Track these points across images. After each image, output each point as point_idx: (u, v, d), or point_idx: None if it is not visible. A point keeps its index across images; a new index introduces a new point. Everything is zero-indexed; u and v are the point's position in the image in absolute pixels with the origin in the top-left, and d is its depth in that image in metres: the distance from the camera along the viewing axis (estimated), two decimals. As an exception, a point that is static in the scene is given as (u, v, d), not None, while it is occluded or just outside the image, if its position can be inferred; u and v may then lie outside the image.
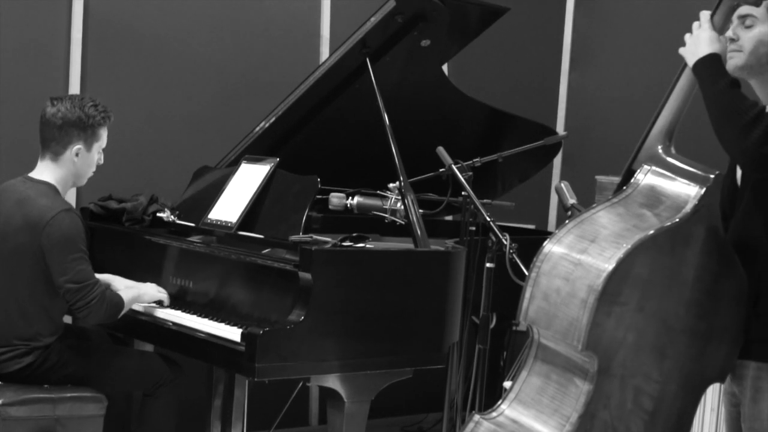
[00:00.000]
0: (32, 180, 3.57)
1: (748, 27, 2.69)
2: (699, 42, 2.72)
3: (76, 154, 3.54)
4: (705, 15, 2.76)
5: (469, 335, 3.63)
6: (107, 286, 3.61)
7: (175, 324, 3.61)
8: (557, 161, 5.50)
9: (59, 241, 3.42)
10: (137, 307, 3.72)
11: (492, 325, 3.36)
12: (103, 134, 3.60)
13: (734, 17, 2.73)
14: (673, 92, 2.81)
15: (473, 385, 3.49)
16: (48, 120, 3.52)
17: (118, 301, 3.54)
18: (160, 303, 3.72)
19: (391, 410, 4.99)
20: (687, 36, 2.76)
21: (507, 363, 4.45)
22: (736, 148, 2.59)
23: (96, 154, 3.60)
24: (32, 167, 3.63)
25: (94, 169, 3.65)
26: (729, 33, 2.73)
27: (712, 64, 2.68)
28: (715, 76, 2.65)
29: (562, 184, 3.38)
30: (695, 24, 2.77)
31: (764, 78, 2.72)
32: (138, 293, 3.66)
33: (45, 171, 3.57)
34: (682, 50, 2.77)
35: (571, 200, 3.33)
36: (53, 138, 3.52)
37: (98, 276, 3.57)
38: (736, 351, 2.75)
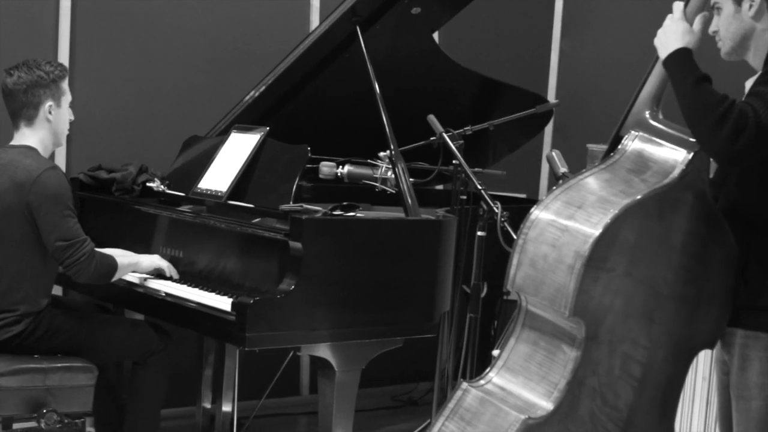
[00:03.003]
0: (12, 147, 3.59)
1: (718, 11, 2.71)
2: (669, 35, 2.70)
3: (50, 112, 3.56)
4: (678, 6, 2.74)
5: (460, 304, 3.64)
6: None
7: (165, 294, 3.60)
8: (548, 130, 5.49)
9: (47, 198, 3.44)
10: (131, 277, 3.72)
11: (483, 294, 3.36)
12: (67, 88, 3.62)
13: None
14: (659, 58, 2.79)
15: (464, 355, 3.49)
16: (11, 90, 3.54)
17: (109, 261, 3.54)
18: (161, 273, 3.71)
19: (382, 379, 5.01)
20: (660, 29, 2.75)
21: (498, 332, 4.45)
22: (708, 145, 2.58)
23: (66, 110, 3.62)
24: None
25: (68, 126, 3.66)
26: (712, 27, 2.73)
27: (681, 58, 2.65)
28: (684, 71, 2.63)
29: (554, 153, 3.37)
30: (668, 17, 2.74)
31: (752, 51, 2.71)
32: (136, 260, 3.67)
33: (22, 138, 3.58)
34: (655, 41, 2.75)
35: (563, 169, 3.32)
36: (23, 104, 3.54)
37: (104, 251, 3.60)
38: (725, 317, 2.75)
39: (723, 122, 2.50)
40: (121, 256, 3.63)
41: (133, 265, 3.65)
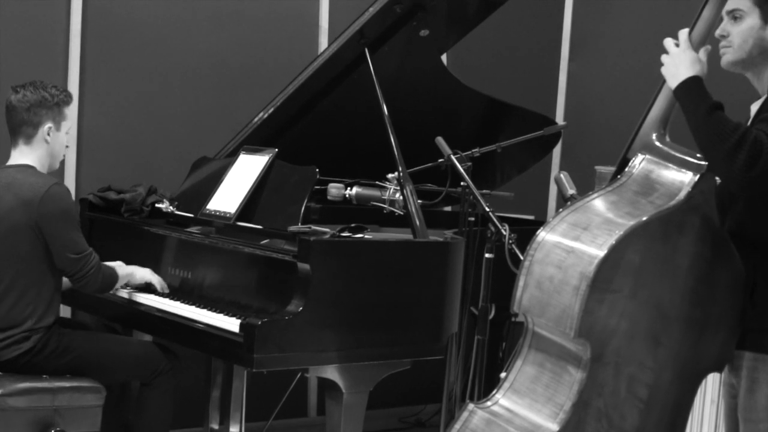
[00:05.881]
0: (12, 166, 3.64)
1: (737, 19, 2.70)
2: (679, 64, 2.70)
3: (48, 134, 3.62)
4: (683, 35, 2.74)
5: (468, 326, 3.63)
6: None
7: (174, 315, 3.61)
8: (556, 151, 5.49)
9: (57, 213, 3.50)
10: (140, 298, 3.75)
11: (491, 316, 3.35)
12: (68, 114, 3.68)
13: (723, 13, 2.74)
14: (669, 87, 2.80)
15: (472, 377, 3.48)
16: (15, 106, 3.61)
17: (111, 272, 3.65)
18: (150, 287, 3.77)
19: (390, 401, 5.00)
20: (664, 57, 2.75)
21: (506, 354, 4.44)
22: (723, 173, 2.59)
23: (64, 135, 3.68)
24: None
25: (65, 151, 3.73)
26: (719, 30, 2.73)
27: (693, 88, 2.66)
28: (697, 101, 2.63)
29: (562, 175, 3.37)
30: (668, 42, 2.75)
31: (758, 70, 2.73)
32: (130, 271, 3.76)
33: (20, 156, 3.64)
34: (662, 70, 2.75)
35: (571, 190, 3.32)
36: (23, 122, 3.60)
37: None
38: (733, 340, 2.75)
39: (738, 150, 2.51)
40: (117, 266, 3.71)
41: (129, 275, 3.76)
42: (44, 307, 3.54)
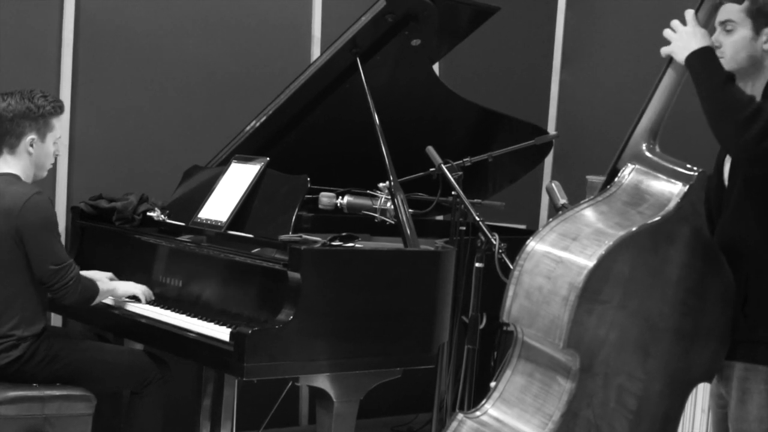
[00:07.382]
0: None
1: (729, 32, 2.72)
2: (690, 37, 2.72)
3: (31, 145, 3.59)
4: (690, 13, 2.76)
5: (459, 335, 3.63)
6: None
7: (164, 323, 3.60)
8: (548, 161, 5.49)
9: (38, 222, 3.48)
10: (132, 307, 3.74)
11: (482, 326, 3.36)
12: (56, 124, 3.64)
13: (716, 24, 2.75)
14: (656, 91, 2.81)
15: (463, 386, 3.48)
16: (0, 114, 3.56)
17: (91, 285, 3.61)
18: (136, 298, 3.76)
19: (381, 410, 4.99)
20: (668, 32, 2.76)
21: (497, 363, 4.44)
22: (733, 144, 2.59)
23: (51, 145, 3.65)
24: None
25: (52, 160, 3.69)
26: (712, 39, 2.74)
27: (706, 57, 2.68)
28: (711, 69, 2.65)
29: (553, 184, 3.38)
30: (674, 22, 2.77)
31: (750, 80, 2.74)
32: (113, 287, 3.74)
33: (4, 166, 3.61)
34: (667, 48, 2.76)
35: (562, 200, 3.33)
36: (6, 131, 3.57)
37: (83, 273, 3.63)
38: (723, 351, 2.75)
39: (753, 121, 2.53)
40: (99, 281, 3.68)
41: (111, 291, 3.73)
42: (31, 316, 3.53)
